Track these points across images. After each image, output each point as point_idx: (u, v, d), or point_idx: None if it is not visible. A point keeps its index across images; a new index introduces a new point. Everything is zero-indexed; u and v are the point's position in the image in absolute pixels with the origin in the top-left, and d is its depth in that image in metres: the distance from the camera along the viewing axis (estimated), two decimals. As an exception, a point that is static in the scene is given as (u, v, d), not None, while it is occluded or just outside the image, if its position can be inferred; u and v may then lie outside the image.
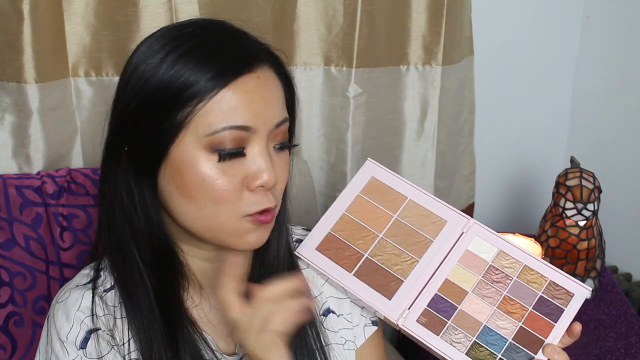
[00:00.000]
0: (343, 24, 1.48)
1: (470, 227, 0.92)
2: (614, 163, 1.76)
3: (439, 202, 0.94)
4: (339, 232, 0.93)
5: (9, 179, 1.19)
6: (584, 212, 1.37)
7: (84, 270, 0.88)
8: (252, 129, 0.76)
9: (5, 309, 1.14)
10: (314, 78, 1.53)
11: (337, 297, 0.94)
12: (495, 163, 1.88)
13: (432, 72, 1.57)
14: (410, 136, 1.62)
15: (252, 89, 0.77)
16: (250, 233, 0.80)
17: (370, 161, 0.97)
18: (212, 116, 0.75)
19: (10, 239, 1.16)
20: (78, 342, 0.81)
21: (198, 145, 0.76)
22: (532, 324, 0.85)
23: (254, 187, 0.77)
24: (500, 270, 0.89)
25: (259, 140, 0.77)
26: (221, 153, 0.76)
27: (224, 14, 1.36)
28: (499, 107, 1.84)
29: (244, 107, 0.76)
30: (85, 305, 0.83)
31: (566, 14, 1.82)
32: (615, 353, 1.32)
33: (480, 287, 0.88)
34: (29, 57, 1.23)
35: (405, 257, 0.91)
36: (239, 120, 0.76)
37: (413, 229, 0.93)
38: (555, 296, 0.87)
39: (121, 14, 1.30)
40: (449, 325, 0.86)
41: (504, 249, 0.90)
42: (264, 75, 0.78)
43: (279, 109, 0.80)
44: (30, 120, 1.27)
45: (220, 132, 0.75)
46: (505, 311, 0.86)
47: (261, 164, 0.77)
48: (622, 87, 1.75)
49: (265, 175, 0.77)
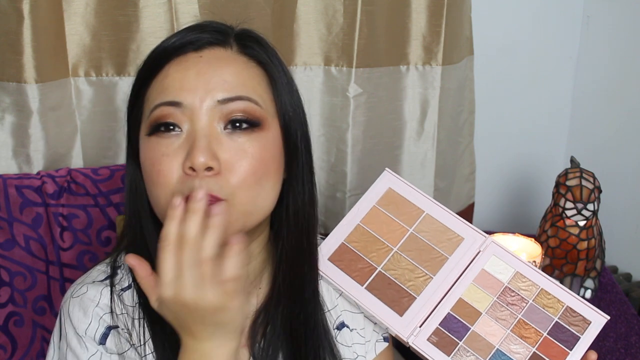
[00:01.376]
0: (343, 24, 1.48)
1: (488, 245, 0.89)
2: (614, 163, 1.75)
3: (457, 218, 0.92)
4: (352, 243, 0.91)
5: (9, 179, 1.19)
6: (584, 212, 1.37)
7: (100, 266, 0.84)
8: (183, 105, 0.73)
9: (5, 309, 1.14)
10: (314, 78, 1.53)
11: (351, 311, 0.91)
12: (495, 163, 1.88)
13: (432, 72, 1.57)
14: (410, 136, 1.62)
15: (188, 66, 0.75)
16: None
17: (387, 171, 0.95)
18: (151, 97, 0.76)
19: (10, 239, 1.16)
20: (97, 337, 0.78)
21: (144, 128, 0.77)
22: (546, 350, 0.83)
23: (185, 169, 0.72)
24: (516, 292, 0.87)
25: (196, 117, 0.73)
26: (154, 132, 0.75)
27: (224, 14, 1.36)
28: (498, 107, 1.84)
29: (174, 82, 0.75)
30: (103, 302, 0.80)
31: (566, 14, 1.82)
32: (615, 353, 1.32)
33: (494, 309, 0.86)
34: (29, 57, 1.23)
35: (419, 273, 0.89)
36: (169, 96, 0.74)
37: (429, 245, 0.90)
38: (572, 323, 0.84)
39: (121, 14, 1.30)
40: (461, 346, 0.84)
41: (521, 270, 0.88)
42: (211, 56, 0.76)
43: (227, 86, 0.74)
44: (30, 120, 1.27)
45: (154, 111, 0.75)
46: (519, 335, 0.84)
47: (192, 143, 0.72)
48: (622, 87, 1.75)
49: (194, 156, 0.71)
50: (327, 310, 0.89)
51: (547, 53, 1.84)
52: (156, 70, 0.77)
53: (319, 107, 1.55)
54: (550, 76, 1.86)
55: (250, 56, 0.79)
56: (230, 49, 0.78)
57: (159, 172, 0.73)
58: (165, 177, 0.73)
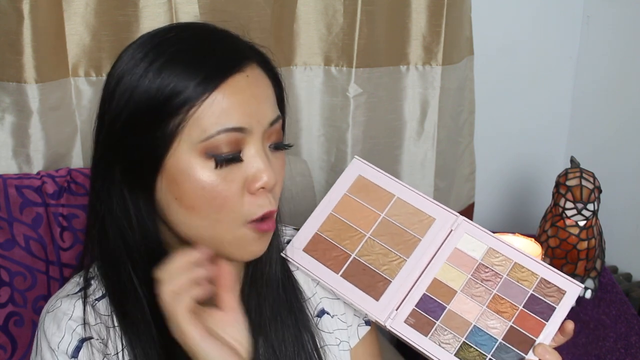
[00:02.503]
0: (343, 24, 1.48)
1: (459, 224, 0.90)
2: (614, 163, 1.76)
3: (427, 200, 0.92)
4: (325, 232, 0.91)
5: (9, 179, 1.19)
6: (584, 212, 1.37)
7: (74, 279, 0.86)
8: (247, 129, 0.74)
9: (5, 309, 1.14)
10: (314, 78, 1.53)
11: (330, 297, 0.93)
12: (495, 163, 1.88)
13: (432, 72, 1.57)
14: (410, 136, 1.62)
15: (242, 88, 0.74)
16: (253, 242, 0.78)
17: (357, 159, 0.95)
18: (205, 121, 0.72)
19: (10, 239, 1.16)
20: (70, 350, 0.79)
21: (193, 152, 0.73)
22: (522, 323, 0.83)
23: (254, 190, 0.75)
24: (489, 268, 0.87)
25: (255, 141, 0.75)
26: (217, 158, 0.73)
27: (224, 14, 1.36)
28: (499, 107, 1.84)
29: (236, 107, 0.74)
30: (77, 314, 0.81)
31: (566, 14, 1.82)
32: (615, 353, 1.32)
33: (469, 286, 0.86)
34: (29, 57, 1.23)
35: (393, 256, 0.89)
36: (232, 121, 0.73)
37: (401, 228, 0.91)
38: (547, 294, 0.85)
39: (121, 14, 1.30)
40: (438, 325, 0.84)
41: (494, 246, 0.88)
42: (253, 74, 0.76)
43: (271, 107, 0.78)
44: (30, 120, 1.27)
45: (215, 137, 0.73)
46: (495, 310, 0.84)
47: (260, 164, 0.75)
48: (622, 87, 1.75)
49: (265, 175, 0.75)
50: (308, 298, 0.91)
51: (547, 53, 1.84)
52: (200, 94, 0.73)
53: (319, 107, 1.55)
54: (550, 76, 1.87)
55: (266, 71, 0.80)
56: (257, 65, 0.78)
57: (226, 198, 0.75)
58: (233, 202, 0.75)
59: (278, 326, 0.86)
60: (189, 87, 0.72)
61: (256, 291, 0.86)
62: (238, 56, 0.76)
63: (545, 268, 0.87)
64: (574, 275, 1.44)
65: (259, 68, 0.78)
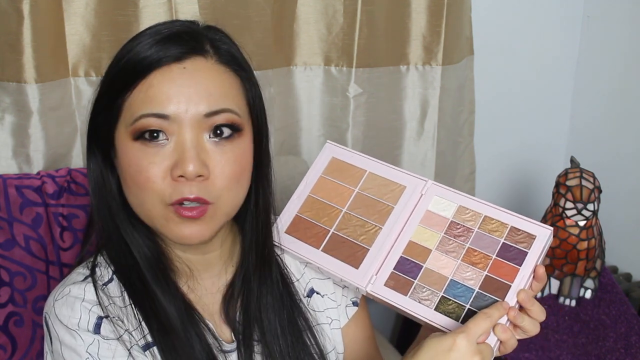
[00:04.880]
0: (343, 24, 1.48)
1: (429, 187, 0.93)
2: (614, 163, 1.76)
3: (397, 170, 0.96)
4: (305, 213, 0.96)
5: (9, 179, 1.19)
6: (584, 212, 1.37)
7: (78, 269, 0.87)
8: (171, 117, 0.78)
9: (5, 309, 1.14)
10: (314, 78, 1.53)
11: (319, 278, 0.97)
12: (495, 163, 1.88)
13: (432, 72, 1.58)
14: (410, 136, 1.62)
15: (173, 78, 0.78)
16: (180, 225, 0.80)
17: (329, 143, 1.00)
18: (134, 105, 0.79)
19: (10, 239, 1.16)
20: (91, 327, 0.80)
21: (126, 133, 0.80)
22: (497, 271, 0.86)
23: (175, 177, 0.78)
24: (461, 224, 0.90)
25: (183, 129, 0.78)
26: (141, 141, 0.79)
27: (224, 14, 1.36)
28: (499, 107, 1.84)
29: (159, 94, 0.78)
30: (88, 297, 0.82)
31: (566, 14, 1.82)
32: (615, 353, 1.32)
33: (443, 244, 0.89)
34: (29, 57, 1.23)
35: (369, 226, 0.93)
36: (156, 108, 0.78)
37: (374, 199, 0.95)
38: (518, 241, 0.87)
39: (121, 14, 1.30)
40: (416, 284, 0.87)
41: (463, 203, 0.92)
42: (194, 67, 0.80)
43: (213, 99, 0.80)
44: (30, 120, 1.27)
45: (140, 120, 0.78)
46: (470, 262, 0.87)
47: (182, 153, 0.78)
48: (622, 87, 1.75)
49: (185, 165, 0.77)
50: (296, 280, 0.96)
51: (547, 53, 1.84)
52: (137, 78, 0.79)
53: (319, 107, 1.55)
54: (550, 76, 1.87)
55: (227, 64, 0.83)
56: (211, 58, 0.82)
57: (147, 178, 0.79)
58: (154, 183, 0.79)
59: (270, 309, 0.90)
60: (131, 72, 0.80)
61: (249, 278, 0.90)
62: (182, 49, 0.80)
63: (514, 217, 0.89)
64: (574, 275, 1.44)
65: (219, 64, 0.82)
